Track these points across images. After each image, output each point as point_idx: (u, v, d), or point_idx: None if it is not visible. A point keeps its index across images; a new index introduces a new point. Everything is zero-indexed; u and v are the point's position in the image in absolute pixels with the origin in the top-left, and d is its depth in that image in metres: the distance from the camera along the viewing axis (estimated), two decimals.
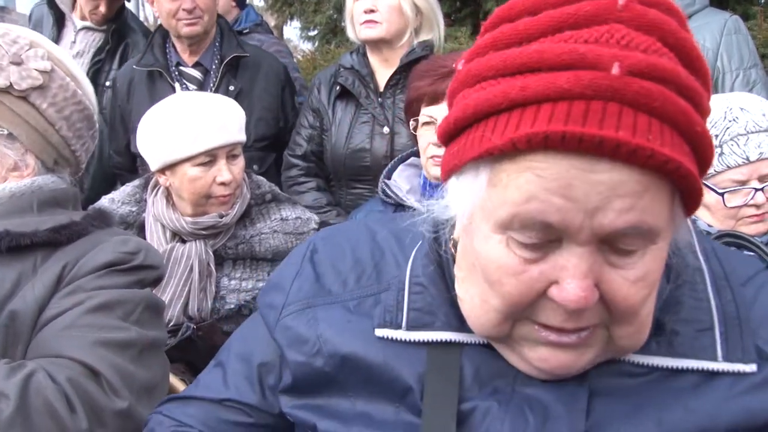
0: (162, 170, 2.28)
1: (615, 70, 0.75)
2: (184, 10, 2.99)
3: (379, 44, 2.81)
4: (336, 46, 5.67)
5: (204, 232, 2.30)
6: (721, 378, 0.91)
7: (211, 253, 2.30)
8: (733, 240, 2.11)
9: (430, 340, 0.97)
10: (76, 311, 1.34)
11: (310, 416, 1.03)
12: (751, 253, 2.09)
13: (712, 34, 2.60)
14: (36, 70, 1.47)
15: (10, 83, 1.44)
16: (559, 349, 0.88)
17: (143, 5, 8.15)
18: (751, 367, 0.90)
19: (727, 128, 2.10)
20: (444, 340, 0.97)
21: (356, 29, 2.84)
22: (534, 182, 0.79)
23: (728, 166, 2.10)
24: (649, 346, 0.92)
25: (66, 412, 1.21)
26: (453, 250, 0.99)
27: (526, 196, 0.80)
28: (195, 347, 2.18)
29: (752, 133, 2.10)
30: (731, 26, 2.61)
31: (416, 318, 0.99)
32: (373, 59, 2.87)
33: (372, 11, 2.77)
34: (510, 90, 0.80)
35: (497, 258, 0.86)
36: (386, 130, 2.76)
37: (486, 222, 0.86)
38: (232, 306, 2.29)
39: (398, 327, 0.99)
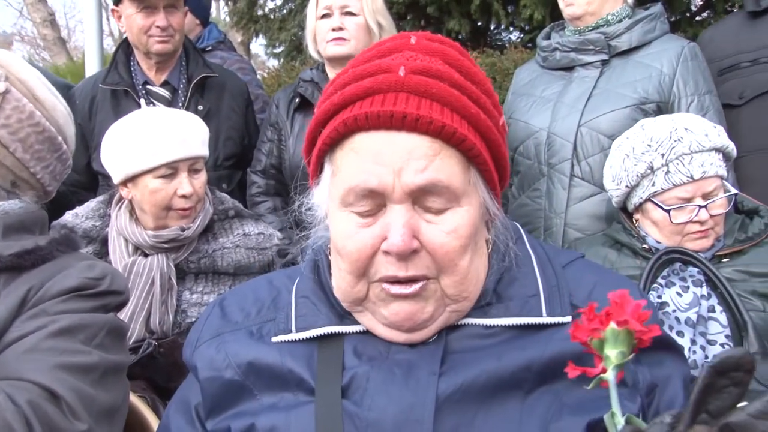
0: (124, 182, 2.28)
1: (401, 71, 1.08)
2: (157, 27, 2.95)
3: (343, 61, 2.80)
4: (301, 63, 5.66)
5: (165, 246, 2.29)
6: (546, 329, 1.14)
7: (172, 267, 2.28)
8: (679, 256, 2.16)
9: (316, 335, 1.17)
10: (39, 335, 1.32)
11: (227, 422, 1.18)
12: (696, 269, 2.13)
13: (669, 60, 2.62)
14: None
15: None
16: (403, 300, 1.10)
17: (108, 20, 8.02)
18: (567, 318, 1.14)
19: (673, 147, 2.16)
20: (327, 333, 1.17)
21: (322, 47, 2.86)
22: (355, 159, 1.08)
23: (674, 184, 2.16)
24: (491, 311, 1.15)
25: None
26: (329, 256, 1.23)
27: (352, 171, 1.08)
28: (156, 364, 2.14)
29: (696, 152, 2.15)
30: (688, 53, 2.63)
31: (302, 321, 1.19)
32: (332, 74, 2.90)
33: (340, 29, 2.80)
34: (334, 100, 1.11)
35: (341, 229, 1.12)
36: None
37: (334, 205, 1.13)
38: (193, 319, 2.27)
39: (289, 332, 1.19)
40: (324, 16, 2.84)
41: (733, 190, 2.24)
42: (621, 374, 0.91)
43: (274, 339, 1.19)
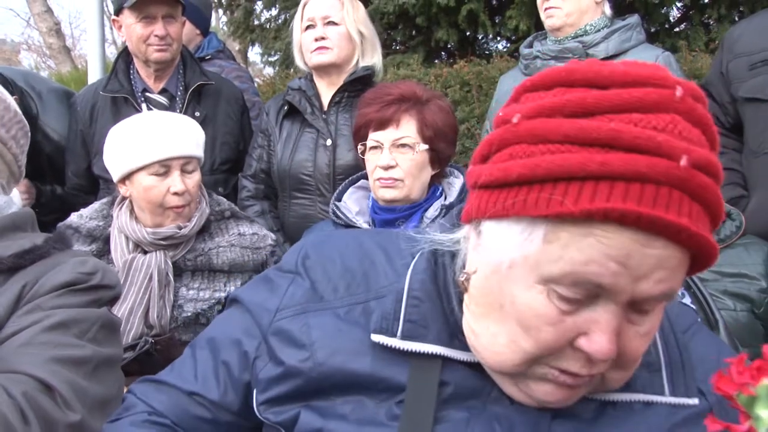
0: (122, 180, 2.34)
1: (683, 161, 0.80)
2: (156, 36, 2.99)
3: (328, 69, 2.88)
4: (294, 71, 5.71)
5: (163, 243, 2.34)
6: (662, 406, 0.97)
7: (170, 264, 2.33)
8: None
9: (420, 351, 0.98)
10: (34, 329, 1.33)
11: (297, 409, 1.03)
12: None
13: None
14: None
15: None
16: (564, 387, 0.91)
17: (111, 29, 8.08)
18: (694, 401, 0.97)
19: None
20: (432, 353, 0.98)
21: (307, 57, 2.91)
22: (596, 247, 0.82)
23: None
24: (606, 379, 0.95)
25: (20, 424, 1.20)
26: (462, 281, 0.99)
27: (586, 258, 0.82)
28: (153, 361, 2.16)
29: None
30: (662, 62, 2.68)
31: (410, 329, 0.99)
32: (320, 83, 2.95)
33: (322, 38, 2.85)
34: (589, 162, 0.81)
35: (537, 307, 0.87)
36: (329, 142, 2.84)
37: (531, 272, 0.87)
38: (189, 314, 2.32)
39: (393, 335, 0.99)
40: (308, 27, 2.89)
41: None
42: None
43: (375, 338, 1.00)
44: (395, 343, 0.99)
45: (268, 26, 6.01)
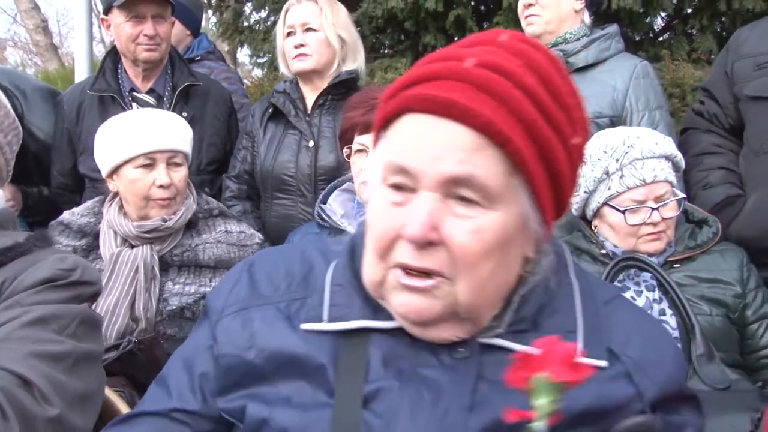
0: (110, 175, 2.40)
1: (468, 62, 1.01)
2: (145, 35, 3.01)
3: (310, 75, 2.93)
4: (282, 73, 5.71)
5: (149, 236, 2.38)
6: None
7: (156, 258, 2.37)
8: (634, 262, 2.26)
9: (347, 329, 1.10)
10: (13, 324, 1.35)
11: (241, 402, 1.12)
12: (648, 274, 2.24)
13: (623, 77, 2.72)
14: None
15: None
16: (413, 294, 1.03)
17: (99, 28, 8.06)
18: (603, 363, 1.08)
19: (626, 153, 2.28)
20: (358, 327, 1.10)
21: (289, 63, 2.96)
22: (400, 137, 1.04)
23: (628, 187, 2.27)
24: (525, 337, 1.06)
25: None
26: None
27: (395, 146, 1.04)
28: (136, 361, 2.19)
29: (647, 158, 2.27)
30: (640, 71, 2.74)
31: (335, 311, 1.12)
32: (305, 87, 3.00)
33: (302, 45, 2.89)
34: (402, 78, 1.07)
35: (376, 204, 1.07)
36: (311, 143, 2.88)
37: (376, 180, 1.08)
38: (174, 307, 2.35)
39: (320, 321, 1.12)
40: (289, 34, 2.93)
41: (682, 195, 2.36)
42: (554, 419, 0.87)
43: (304, 326, 1.12)
44: (323, 326, 1.11)
45: (257, 28, 5.99)
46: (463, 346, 1.08)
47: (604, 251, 2.35)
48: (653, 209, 2.26)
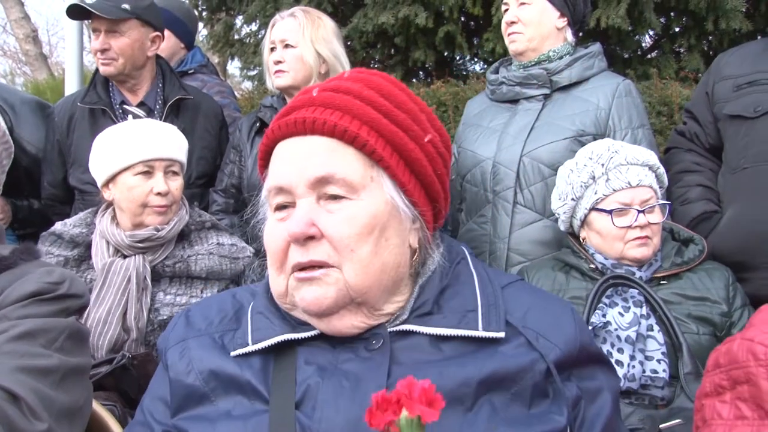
0: (107, 184, 2.42)
1: (314, 92, 1.25)
2: (97, 50, 3.03)
3: (290, 90, 2.96)
4: (269, 90, 5.74)
5: (141, 246, 2.39)
6: (484, 347, 1.21)
7: (148, 268, 2.38)
8: (621, 281, 2.30)
9: (270, 345, 1.25)
10: (0, 339, 1.35)
11: (187, 424, 1.25)
12: (635, 290, 2.28)
13: (605, 96, 2.75)
14: None
15: None
16: (309, 286, 1.19)
17: (90, 37, 8.07)
18: (501, 334, 1.21)
19: (611, 158, 2.37)
20: (280, 341, 1.24)
21: (270, 78, 3.00)
22: (273, 165, 1.26)
23: (614, 189, 2.35)
24: (431, 320, 1.23)
25: None
26: None
27: (271, 174, 1.26)
28: (129, 376, 2.19)
29: (631, 164, 2.36)
30: (622, 90, 2.77)
31: (258, 334, 1.27)
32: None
33: (279, 62, 2.93)
34: (272, 121, 1.28)
35: (268, 227, 1.26)
36: None
37: (267, 209, 1.29)
38: (165, 317, 2.36)
39: (246, 345, 1.26)
40: (272, 50, 2.97)
41: (666, 201, 2.43)
42: None
43: (233, 353, 1.26)
44: (249, 349, 1.26)
45: (248, 41, 6.03)
46: (375, 339, 1.23)
47: (592, 266, 2.38)
48: (640, 211, 2.32)
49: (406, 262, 1.26)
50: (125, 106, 3.12)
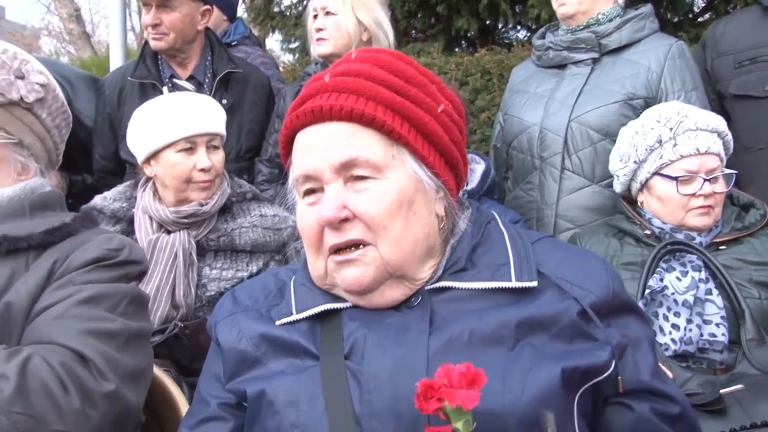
0: (147, 160, 2.41)
1: (326, 77, 1.29)
2: (148, 24, 3.06)
3: (331, 58, 2.95)
4: (313, 58, 5.73)
5: (186, 221, 2.40)
6: (520, 298, 1.26)
7: (193, 243, 2.40)
8: (680, 247, 2.28)
9: (316, 313, 1.31)
10: (67, 303, 1.41)
11: (243, 386, 1.31)
12: (694, 255, 2.25)
13: (657, 58, 2.70)
14: (37, 83, 1.56)
15: (21, 96, 1.53)
16: (348, 267, 1.26)
17: (131, 15, 8.19)
18: (534, 283, 1.27)
19: (681, 122, 2.30)
20: (326, 309, 1.31)
21: (313, 46, 3.02)
22: (296, 153, 1.31)
23: (682, 155, 2.29)
24: (465, 275, 1.29)
25: (61, 392, 1.28)
26: None
27: (295, 164, 1.31)
28: (181, 345, 2.25)
29: (701, 130, 2.30)
30: (675, 51, 2.72)
31: (301, 303, 1.34)
32: None
33: (321, 29, 2.94)
34: (287, 113, 1.34)
35: (299, 214, 1.32)
36: None
37: (295, 196, 1.35)
38: (213, 293, 2.38)
39: (291, 314, 1.33)
40: (315, 17, 2.99)
41: (732, 171, 2.37)
42: None
43: (279, 322, 1.33)
44: (293, 317, 1.33)
45: (288, 13, 6.05)
46: (414, 297, 1.30)
47: (648, 232, 2.35)
48: (705, 180, 2.27)
49: (436, 231, 1.32)
50: (175, 80, 3.15)
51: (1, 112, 1.53)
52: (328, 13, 2.94)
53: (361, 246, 1.25)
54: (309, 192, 1.29)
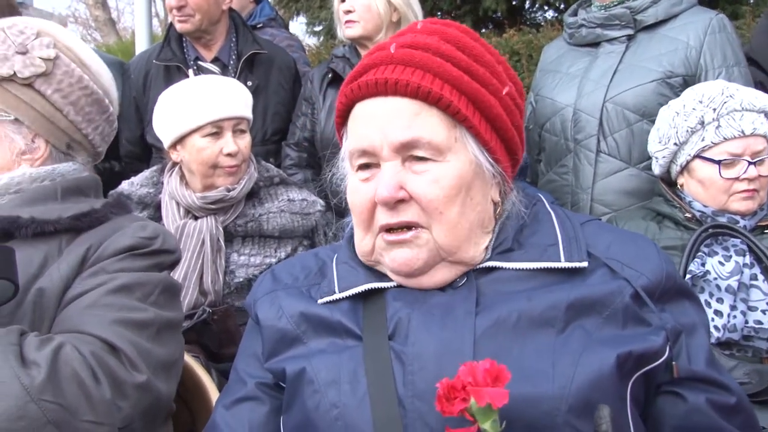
0: (174, 145, 2.40)
1: (392, 48, 1.24)
2: (172, 6, 3.04)
3: (360, 41, 2.92)
4: (340, 41, 5.70)
5: (213, 207, 2.39)
6: (570, 279, 1.23)
7: (221, 229, 2.39)
8: (723, 230, 2.20)
9: (358, 292, 1.29)
10: (99, 291, 1.39)
11: (282, 364, 1.29)
12: (737, 239, 2.18)
13: (696, 32, 2.60)
14: (40, 58, 1.50)
15: (14, 72, 1.48)
16: (399, 248, 1.23)
17: (155, 1, 8.19)
18: (584, 263, 1.24)
19: (725, 103, 2.20)
20: (368, 289, 1.28)
21: (341, 29, 2.96)
22: (354, 124, 1.27)
23: (725, 138, 2.20)
24: (512, 256, 1.26)
25: (92, 381, 1.26)
26: None
27: (352, 135, 1.27)
28: (209, 330, 2.24)
29: (747, 111, 2.20)
30: (716, 25, 2.61)
31: (344, 282, 1.31)
32: (363, 51, 2.98)
33: (350, 11, 2.89)
34: (345, 81, 1.30)
35: (351, 187, 1.29)
36: None
37: (348, 169, 1.31)
38: (241, 279, 2.38)
39: (333, 293, 1.31)
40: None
41: None
42: None
43: (320, 301, 1.31)
44: (336, 296, 1.30)
45: None
46: (459, 277, 1.26)
47: (688, 215, 2.27)
48: (750, 163, 2.18)
49: (490, 217, 1.29)
50: (199, 62, 3.13)
51: None
52: None
53: (413, 227, 1.22)
54: (363, 167, 1.26)
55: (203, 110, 2.34)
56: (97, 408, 1.26)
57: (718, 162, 2.21)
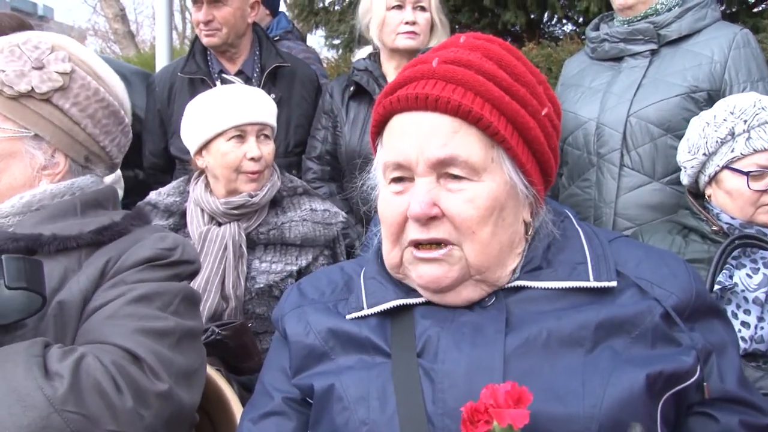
0: (200, 151, 2.45)
1: (435, 62, 1.23)
2: (201, 21, 3.07)
3: (408, 53, 2.91)
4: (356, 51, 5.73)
5: (236, 212, 2.43)
6: (599, 298, 1.22)
7: (243, 235, 2.42)
8: (751, 242, 2.18)
9: (386, 308, 1.28)
10: (119, 302, 1.40)
11: (310, 381, 1.29)
12: (766, 251, 2.15)
13: (721, 47, 2.60)
14: (57, 72, 1.51)
15: (32, 87, 1.48)
16: (429, 264, 1.22)
17: (173, 15, 8.27)
18: (613, 283, 1.23)
19: (756, 114, 2.20)
20: (397, 305, 1.28)
21: (390, 37, 2.93)
22: (390, 137, 1.26)
23: (755, 150, 2.20)
24: (541, 275, 1.25)
25: (114, 391, 1.27)
26: None
27: (387, 148, 1.26)
28: (225, 346, 2.22)
29: None
30: (740, 40, 2.61)
31: (372, 298, 1.31)
32: (388, 64, 2.99)
33: (414, 23, 2.90)
34: (385, 89, 1.28)
35: (383, 199, 1.28)
36: None
37: (381, 180, 1.30)
38: (262, 285, 2.40)
39: (362, 309, 1.30)
40: (396, 7, 2.91)
41: None
42: None
43: (349, 317, 1.31)
44: (364, 312, 1.30)
45: (332, 9, 6.04)
46: (489, 296, 1.26)
47: (715, 228, 2.27)
48: None
49: (521, 237, 1.28)
50: (224, 75, 3.15)
51: (12, 105, 1.49)
52: (419, 8, 2.92)
53: (443, 245, 1.22)
54: (397, 180, 1.25)
55: (227, 115, 2.40)
56: (120, 417, 1.27)
57: (747, 173, 2.20)
